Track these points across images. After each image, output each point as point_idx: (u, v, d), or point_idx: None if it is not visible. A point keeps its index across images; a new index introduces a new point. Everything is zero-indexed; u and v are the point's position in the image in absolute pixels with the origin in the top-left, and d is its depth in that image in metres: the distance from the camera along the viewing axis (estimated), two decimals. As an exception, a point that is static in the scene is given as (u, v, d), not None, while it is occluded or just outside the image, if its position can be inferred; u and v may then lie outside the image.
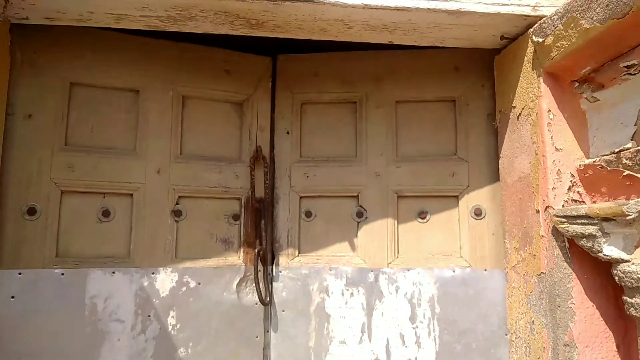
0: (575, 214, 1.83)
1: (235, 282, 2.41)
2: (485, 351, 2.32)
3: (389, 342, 2.39)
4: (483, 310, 2.35)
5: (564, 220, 1.89)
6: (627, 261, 1.70)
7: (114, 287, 2.20)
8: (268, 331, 2.44)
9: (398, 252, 2.47)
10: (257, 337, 2.40)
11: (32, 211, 2.12)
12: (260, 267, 2.42)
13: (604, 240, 1.76)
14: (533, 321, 2.09)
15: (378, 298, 2.43)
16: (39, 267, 2.11)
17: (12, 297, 2.07)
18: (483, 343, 2.33)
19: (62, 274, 2.14)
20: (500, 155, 2.34)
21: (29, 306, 2.08)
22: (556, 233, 1.96)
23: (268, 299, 2.38)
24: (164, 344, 2.25)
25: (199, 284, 2.35)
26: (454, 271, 2.40)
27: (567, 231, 1.88)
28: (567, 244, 1.94)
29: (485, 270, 2.37)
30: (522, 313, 2.17)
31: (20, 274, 2.08)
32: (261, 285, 2.38)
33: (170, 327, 2.27)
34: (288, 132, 2.57)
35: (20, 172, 2.13)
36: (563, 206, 1.96)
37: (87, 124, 2.28)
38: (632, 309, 1.71)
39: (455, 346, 2.35)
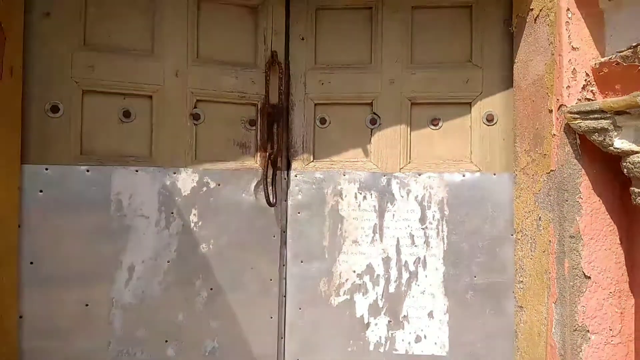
0: (589, 109, 1.89)
1: (253, 185, 2.49)
2: (491, 250, 2.45)
3: (399, 241, 2.51)
4: (490, 212, 2.46)
5: (577, 116, 1.94)
6: (637, 152, 1.78)
7: (138, 184, 2.29)
8: (284, 231, 2.54)
9: (410, 158, 2.54)
10: (274, 236, 2.51)
11: (55, 109, 2.17)
12: (273, 171, 2.49)
13: (616, 133, 1.83)
14: (540, 217, 2.19)
15: (390, 201, 2.53)
16: (65, 163, 2.18)
17: (40, 191, 2.15)
18: (489, 243, 2.45)
19: (88, 171, 2.21)
20: (515, 60, 2.37)
21: (56, 200, 2.17)
22: (568, 130, 2.02)
23: (275, 200, 2.45)
24: (186, 239, 2.36)
25: (219, 184, 2.43)
26: (463, 175, 2.48)
27: (580, 127, 1.93)
28: (578, 141, 2.00)
29: (494, 174, 2.46)
30: (529, 212, 2.27)
31: (47, 169, 2.16)
32: (269, 188, 2.44)
33: (192, 225, 2.37)
34: (303, 38, 2.56)
35: (41, 70, 2.16)
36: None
37: (105, 24, 2.28)
38: (638, 198, 1.80)
39: (462, 246, 2.47)
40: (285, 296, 2.52)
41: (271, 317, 2.48)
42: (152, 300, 2.30)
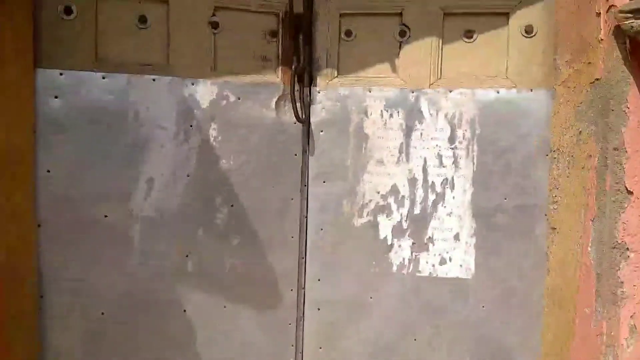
0: (645, 5, 1.72)
1: (274, 100, 2.38)
2: (524, 171, 2.32)
3: (426, 161, 2.40)
4: (525, 131, 2.32)
5: (629, 15, 1.76)
6: (697, 50, 1.62)
7: (156, 94, 2.20)
8: (306, 151, 2.44)
9: (441, 73, 2.39)
10: (295, 154, 2.42)
11: (68, 10, 2.07)
12: (297, 86, 2.37)
13: (673, 31, 1.67)
14: (580, 132, 2.05)
15: (418, 119, 2.40)
16: (80, 69, 2.10)
17: (56, 97, 2.08)
18: (522, 163, 2.33)
19: (104, 77, 2.13)
20: (560, -37, 2.18)
21: (72, 107, 2.10)
22: (617, 34, 1.85)
23: (304, 117, 2.36)
24: (206, 154, 2.28)
25: (239, 98, 2.32)
26: (498, 92, 2.34)
27: (632, 27, 1.76)
28: (628, 45, 1.83)
29: (531, 90, 2.30)
30: (569, 127, 2.13)
31: (61, 74, 2.08)
32: (297, 103, 2.34)
33: (212, 139, 2.29)
34: (328, -57, 2.39)
35: (53, -31, 2.05)
36: (629, 4, 1.83)
37: None
38: (693, 102, 1.65)
39: (493, 166, 2.35)
40: (306, 216, 2.45)
41: (292, 237, 2.42)
42: (171, 214, 2.24)
